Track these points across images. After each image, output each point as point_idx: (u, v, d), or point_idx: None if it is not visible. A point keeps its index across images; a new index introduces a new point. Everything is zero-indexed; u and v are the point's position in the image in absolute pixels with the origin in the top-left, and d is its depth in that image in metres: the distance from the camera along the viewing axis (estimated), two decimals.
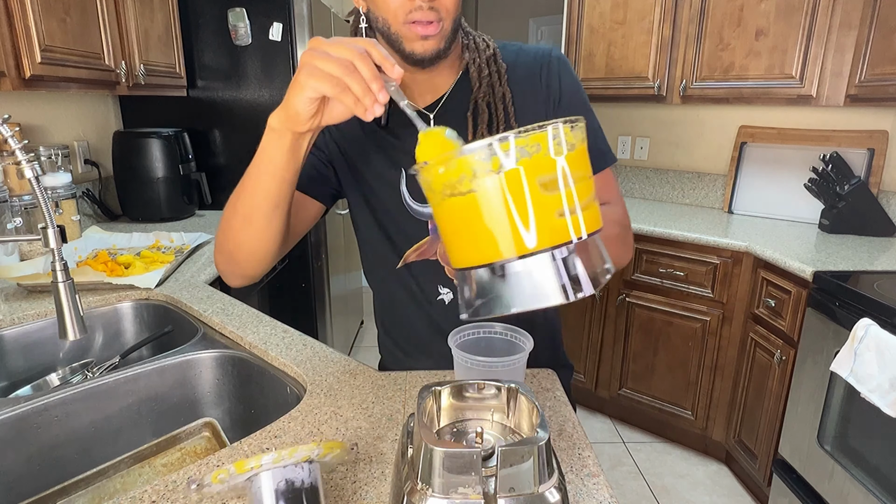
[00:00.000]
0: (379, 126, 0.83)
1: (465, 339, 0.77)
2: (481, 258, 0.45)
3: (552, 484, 0.47)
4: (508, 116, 0.80)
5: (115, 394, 0.96)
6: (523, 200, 0.43)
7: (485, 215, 0.44)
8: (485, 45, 0.83)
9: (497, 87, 0.81)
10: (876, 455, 1.41)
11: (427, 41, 0.72)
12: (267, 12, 2.13)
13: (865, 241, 2.00)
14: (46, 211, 0.74)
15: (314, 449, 0.50)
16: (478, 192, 0.43)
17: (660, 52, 2.33)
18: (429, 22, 0.71)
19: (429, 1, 0.69)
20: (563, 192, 0.44)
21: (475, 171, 0.43)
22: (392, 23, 0.71)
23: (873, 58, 1.84)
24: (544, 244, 0.44)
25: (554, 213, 0.44)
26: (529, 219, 0.44)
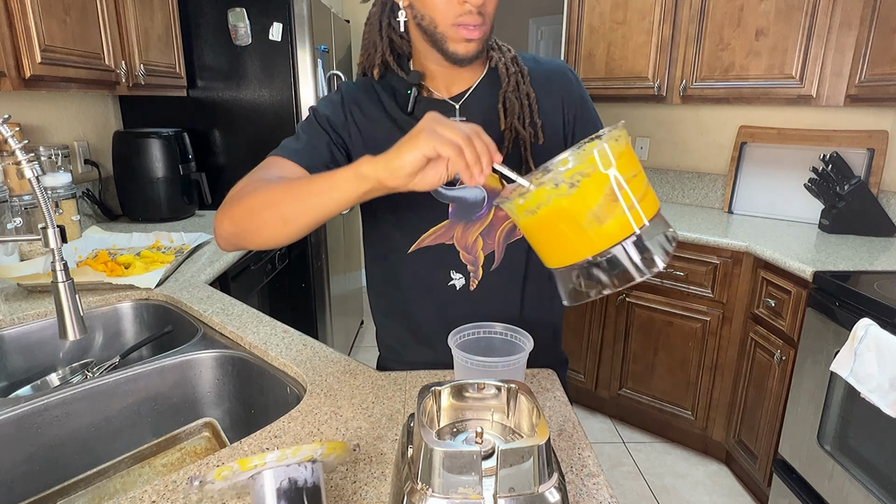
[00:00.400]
0: (405, 114, 0.87)
1: (465, 339, 0.77)
2: (566, 260, 0.60)
3: (552, 484, 0.47)
4: (533, 112, 0.86)
5: (115, 394, 0.96)
6: (587, 212, 0.56)
7: (558, 228, 0.58)
8: (506, 48, 0.89)
9: (522, 86, 0.86)
10: (876, 455, 1.41)
11: (470, 43, 0.78)
12: (267, 12, 2.13)
13: (865, 241, 2.00)
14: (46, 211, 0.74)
15: (317, 448, 0.50)
16: (550, 210, 0.57)
17: (660, 52, 2.33)
18: (475, 25, 0.76)
19: (478, 6, 0.74)
20: (620, 195, 0.56)
21: (548, 198, 0.56)
22: (440, 23, 0.76)
23: (873, 58, 1.84)
24: (614, 240, 0.56)
25: (616, 213, 0.56)
26: (598, 222, 0.56)
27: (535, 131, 0.86)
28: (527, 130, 0.85)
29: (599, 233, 0.57)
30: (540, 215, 0.58)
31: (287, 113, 2.25)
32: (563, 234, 0.58)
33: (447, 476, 0.46)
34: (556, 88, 0.89)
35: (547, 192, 0.56)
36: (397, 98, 0.88)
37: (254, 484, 0.50)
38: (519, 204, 0.58)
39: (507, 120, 0.85)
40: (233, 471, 0.47)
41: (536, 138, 0.86)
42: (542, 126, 0.86)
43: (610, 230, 0.56)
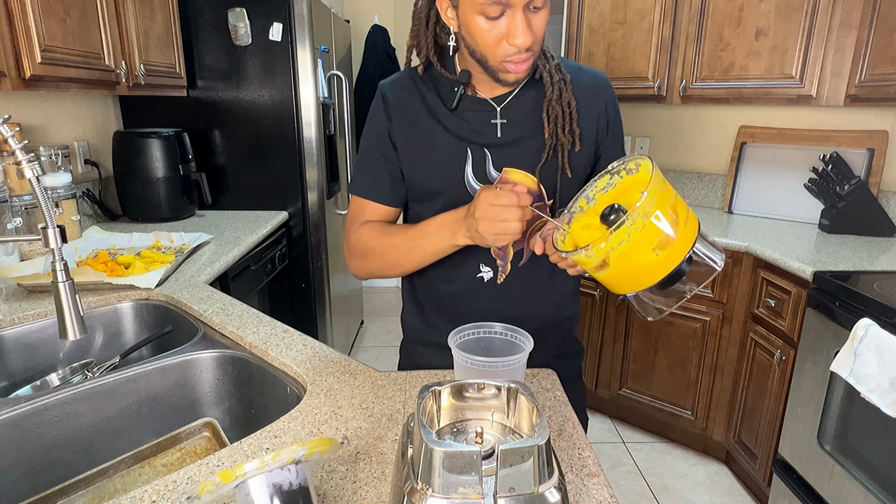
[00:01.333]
0: (448, 109, 0.90)
1: (465, 339, 0.77)
2: (634, 289, 0.72)
3: (552, 484, 0.47)
4: (573, 120, 0.89)
5: (115, 394, 0.96)
6: (650, 249, 0.67)
7: (623, 269, 0.69)
8: (550, 55, 0.90)
9: (564, 93, 0.88)
10: (876, 455, 1.41)
11: (521, 73, 0.82)
12: (267, 12, 2.13)
13: (865, 241, 2.00)
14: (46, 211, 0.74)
15: (298, 450, 0.50)
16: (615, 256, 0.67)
17: (660, 52, 2.33)
18: (523, 61, 0.80)
19: (527, 46, 0.77)
20: (671, 230, 0.66)
21: (610, 249, 0.67)
22: (490, 58, 0.81)
23: (873, 58, 1.84)
24: (676, 262, 0.67)
25: (679, 228, 0.67)
26: (659, 253, 0.67)
27: (573, 139, 0.89)
28: (566, 137, 0.88)
29: (673, 250, 0.66)
30: (620, 252, 0.67)
31: (287, 113, 2.25)
32: (642, 262, 0.68)
33: (447, 476, 0.46)
34: (596, 97, 0.92)
35: (627, 229, 0.65)
36: (440, 92, 0.91)
37: (239, 494, 0.50)
38: (601, 248, 0.68)
39: (551, 127, 0.88)
40: (215, 484, 0.47)
41: (573, 145, 0.89)
42: (580, 134, 0.90)
43: (680, 244, 0.66)
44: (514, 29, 0.75)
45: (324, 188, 2.38)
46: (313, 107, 2.25)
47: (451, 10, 0.81)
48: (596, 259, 0.69)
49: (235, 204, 2.32)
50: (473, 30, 0.78)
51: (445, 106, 0.90)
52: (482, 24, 0.77)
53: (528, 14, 0.76)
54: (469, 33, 0.80)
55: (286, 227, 2.34)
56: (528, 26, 0.76)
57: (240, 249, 1.71)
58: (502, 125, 0.89)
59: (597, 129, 0.92)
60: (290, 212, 2.35)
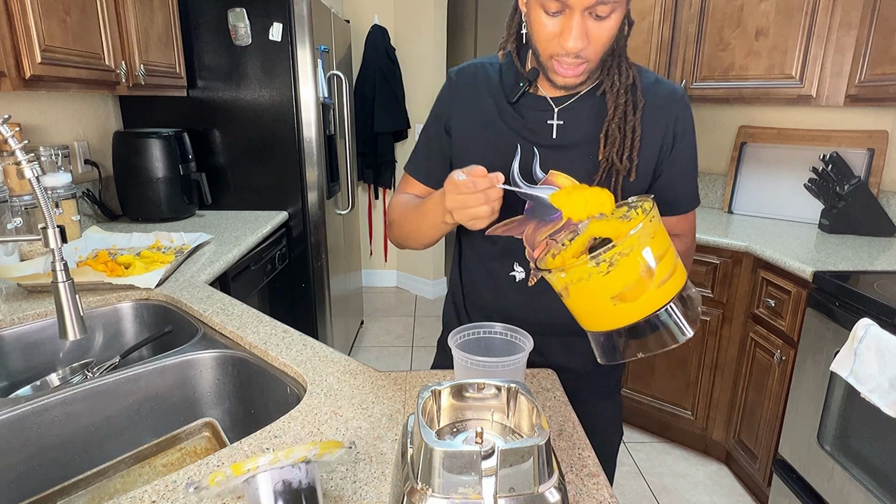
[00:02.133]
0: (508, 102, 0.89)
1: (465, 339, 0.77)
2: (598, 327, 0.67)
3: (552, 484, 0.47)
4: (633, 148, 0.86)
5: (116, 394, 0.96)
6: (623, 288, 0.62)
7: (593, 300, 0.65)
8: (626, 73, 0.86)
9: (630, 117, 0.85)
10: (876, 455, 1.41)
11: (569, 78, 0.80)
12: (267, 12, 2.13)
13: (865, 241, 2.00)
14: (46, 211, 0.74)
15: (311, 449, 0.50)
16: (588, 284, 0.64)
17: (660, 52, 2.33)
18: (574, 66, 0.78)
19: (577, 51, 0.75)
20: (653, 273, 0.62)
21: (588, 274, 0.63)
22: (541, 52, 0.80)
23: (873, 58, 1.84)
24: (644, 314, 0.63)
25: (648, 290, 0.63)
26: (631, 298, 0.63)
27: (630, 167, 0.86)
28: (623, 164, 0.86)
29: (632, 307, 0.63)
30: (579, 288, 0.65)
31: (287, 113, 2.25)
32: (598, 306, 0.65)
33: (447, 476, 0.46)
34: (667, 113, 0.88)
35: (588, 269, 0.62)
36: (506, 84, 0.91)
37: (248, 488, 0.50)
38: (561, 277, 0.65)
39: (607, 150, 0.85)
40: (226, 476, 0.47)
41: (629, 173, 0.87)
42: (639, 165, 0.87)
43: (641, 305, 0.63)
44: (568, 31, 0.74)
45: (324, 188, 2.38)
46: (313, 107, 2.25)
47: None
48: (558, 286, 0.68)
49: (235, 204, 2.32)
50: (533, 20, 0.78)
51: (507, 99, 0.90)
52: (541, 17, 0.76)
53: (587, 20, 0.73)
54: (530, 22, 0.79)
55: (286, 227, 2.34)
56: (583, 32, 0.73)
57: (240, 249, 1.71)
58: (558, 126, 0.88)
59: (660, 149, 0.89)
60: (290, 212, 2.35)
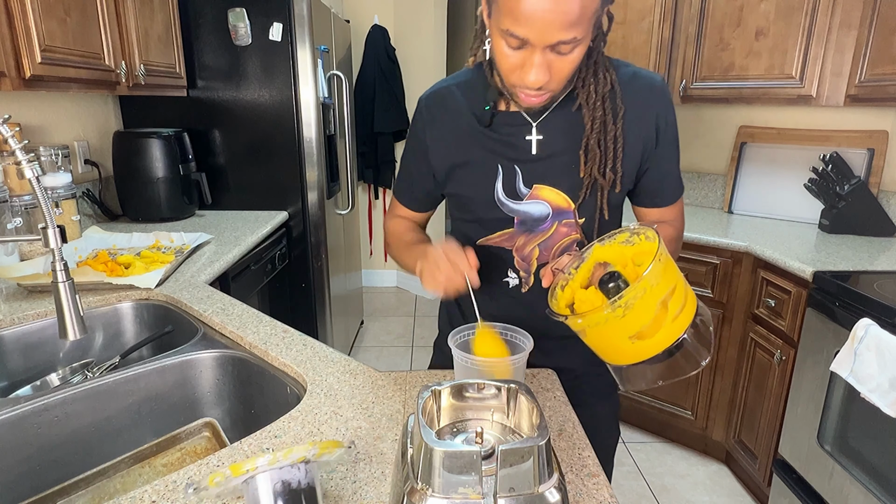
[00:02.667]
0: (485, 126, 0.89)
1: (465, 339, 0.78)
2: (618, 361, 0.70)
3: (552, 484, 0.47)
4: (616, 159, 0.84)
5: (115, 394, 0.96)
6: (639, 328, 0.65)
7: (611, 339, 0.68)
8: (604, 80, 0.83)
9: (610, 127, 0.83)
10: (876, 455, 1.41)
11: (532, 104, 0.79)
12: (267, 12, 2.13)
13: (865, 241, 2.00)
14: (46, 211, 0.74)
15: (310, 449, 0.50)
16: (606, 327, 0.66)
17: (660, 53, 2.33)
18: (535, 96, 0.77)
19: (539, 86, 0.73)
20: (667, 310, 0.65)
21: (605, 318, 0.65)
22: (505, 80, 0.79)
23: (873, 58, 1.84)
24: (660, 349, 0.65)
25: (662, 326, 0.65)
26: (648, 336, 0.65)
27: (616, 178, 0.85)
28: (606, 177, 0.84)
29: (650, 343, 0.65)
30: (596, 331, 0.67)
31: (287, 113, 2.25)
32: (616, 345, 0.68)
33: (447, 476, 0.46)
34: (648, 109, 0.86)
35: (605, 315, 0.64)
36: (473, 104, 0.90)
37: (247, 488, 0.50)
38: (578, 323, 0.67)
39: (587, 167, 0.84)
40: (225, 477, 0.47)
41: (614, 186, 0.85)
42: (623, 176, 0.86)
43: (658, 340, 0.65)
44: (530, 65, 0.71)
45: (324, 188, 2.38)
46: (313, 107, 2.25)
47: (487, 17, 0.78)
48: (575, 328, 0.69)
49: (235, 204, 2.32)
50: (496, 47, 0.75)
51: (479, 122, 0.89)
52: (503, 48, 0.73)
53: (549, 55, 0.70)
54: (493, 47, 0.77)
55: (286, 227, 2.34)
56: (544, 68, 0.71)
57: (240, 249, 1.71)
58: (538, 141, 0.87)
59: (644, 148, 0.87)
60: (290, 212, 2.35)
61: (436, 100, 0.94)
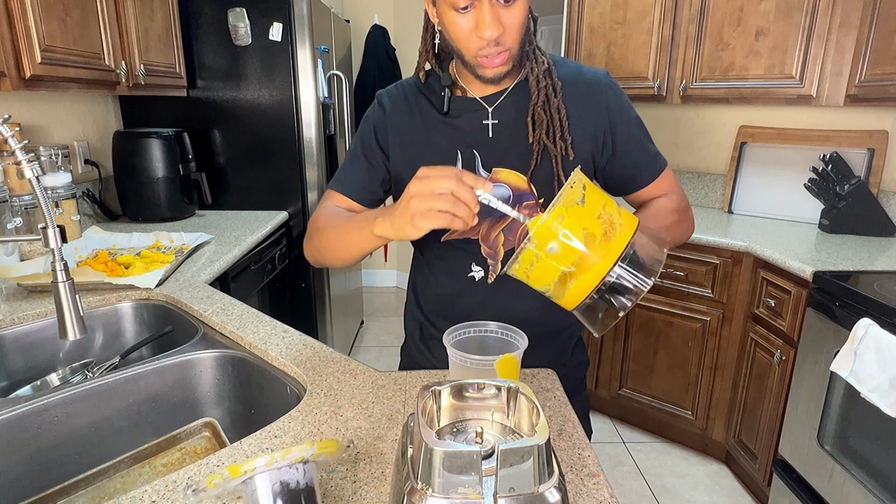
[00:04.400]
0: (441, 113, 0.91)
1: (460, 338, 0.78)
2: (574, 301, 0.66)
3: (552, 484, 0.47)
4: (563, 128, 0.88)
5: (115, 394, 0.96)
6: (571, 262, 0.63)
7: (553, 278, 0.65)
8: (542, 59, 0.89)
9: (552, 99, 0.87)
10: (876, 455, 1.41)
11: (496, 69, 0.82)
12: (267, 12, 2.13)
13: (865, 241, 2.00)
14: (46, 211, 0.74)
15: (308, 449, 0.50)
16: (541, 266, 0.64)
17: (660, 52, 2.33)
18: (497, 55, 0.80)
19: (496, 39, 0.77)
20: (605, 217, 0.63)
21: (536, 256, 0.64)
22: (465, 53, 0.82)
23: (873, 58, 1.84)
24: (618, 251, 0.62)
25: (610, 233, 0.63)
26: (601, 245, 0.63)
27: (566, 146, 0.88)
28: (557, 145, 0.87)
29: (587, 277, 0.63)
30: (540, 272, 0.65)
31: (287, 113, 2.25)
32: (560, 283, 0.65)
33: (447, 476, 0.46)
34: (595, 99, 0.90)
35: (532, 252, 0.64)
36: (434, 99, 0.92)
37: (246, 489, 0.50)
38: (515, 268, 0.66)
39: (536, 133, 0.87)
40: (223, 478, 0.47)
41: (566, 153, 0.88)
42: (573, 142, 0.88)
43: (593, 274, 0.63)
44: (482, 21, 0.76)
45: (324, 188, 2.37)
46: (313, 107, 2.25)
47: (432, 7, 0.84)
48: (521, 277, 0.67)
49: (235, 204, 2.32)
50: (447, 24, 0.80)
51: (438, 111, 0.91)
52: (454, 18, 0.78)
53: (496, 7, 0.76)
54: (445, 28, 0.81)
55: (286, 227, 2.34)
56: (496, 19, 0.76)
57: (240, 249, 1.71)
58: (494, 126, 0.90)
59: (596, 132, 0.90)
60: (290, 212, 2.35)
61: (394, 92, 0.96)
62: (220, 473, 0.47)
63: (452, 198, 0.66)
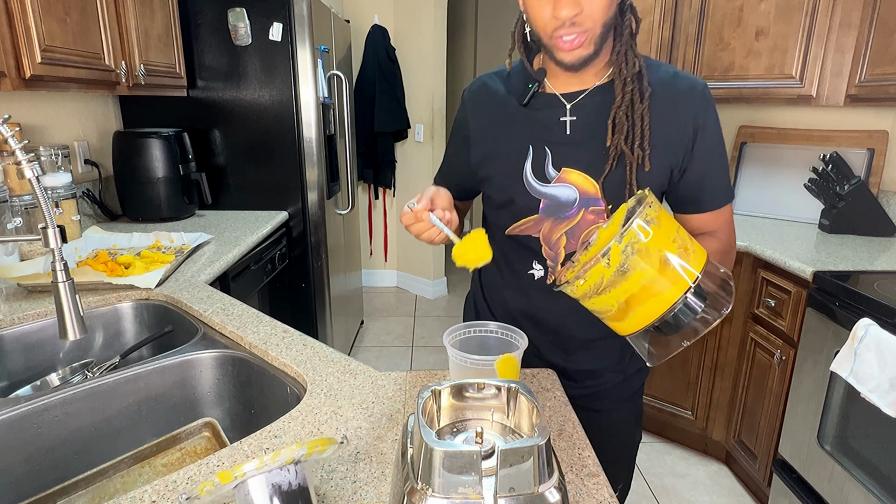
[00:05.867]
0: (520, 104, 0.91)
1: (460, 338, 0.78)
2: (633, 328, 0.65)
3: (552, 484, 0.47)
4: (644, 136, 0.84)
5: (115, 394, 0.96)
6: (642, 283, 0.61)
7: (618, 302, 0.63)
8: (634, 62, 0.85)
9: (637, 105, 0.84)
10: (876, 455, 1.41)
11: (574, 51, 0.79)
12: (267, 12, 2.13)
13: (865, 241, 2.00)
14: (46, 211, 0.74)
15: (297, 450, 0.50)
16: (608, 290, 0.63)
17: (660, 52, 2.33)
18: (574, 37, 0.78)
19: (571, 18, 0.75)
20: (668, 260, 0.61)
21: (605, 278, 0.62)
22: (542, 35, 0.81)
23: (873, 58, 1.84)
24: (673, 299, 0.61)
25: (667, 277, 0.61)
26: (653, 291, 0.61)
27: (643, 155, 0.84)
28: (634, 153, 0.84)
29: (657, 299, 0.62)
30: (601, 296, 0.63)
31: (287, 113, 2.25)
32: (625, 307, 0.63)
33: (447, 476, 0.46)
34: (686, 109, 0.85)
35: (602, 271, 0.61)
36: (515, 90, 0.92)
37: (238, 494, 0.50)
38: (580, 284, 0.64)
39: (615, 137, 0.84)
40: (214, 484, 0.47)
41: (643, 162, 0.85)
42: (652, 152, 0.85)
43: (665, 295, 0.62)
44: (559, 1, 0.75)
45: (324, 188, 2.38)
46: (313, 107, 2.25)
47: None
48: (578, 293, 0.66)
49: (235, 204, 2.32)
50: (529, 6, 0.80)
51: (518, 102, 0.91)
52: (535, 3, 0.78)
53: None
54: (527, 11, 0.81)
55: (286, 227, 2.34)
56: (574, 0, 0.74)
57: (240, 249, 1.71)
58: (571, 123, 0.87)
59: (680, 143, 0.86)
60: (290, 212, 2.35)
61: (477, 88, 0.98)
62: (211, 480, 0.47)
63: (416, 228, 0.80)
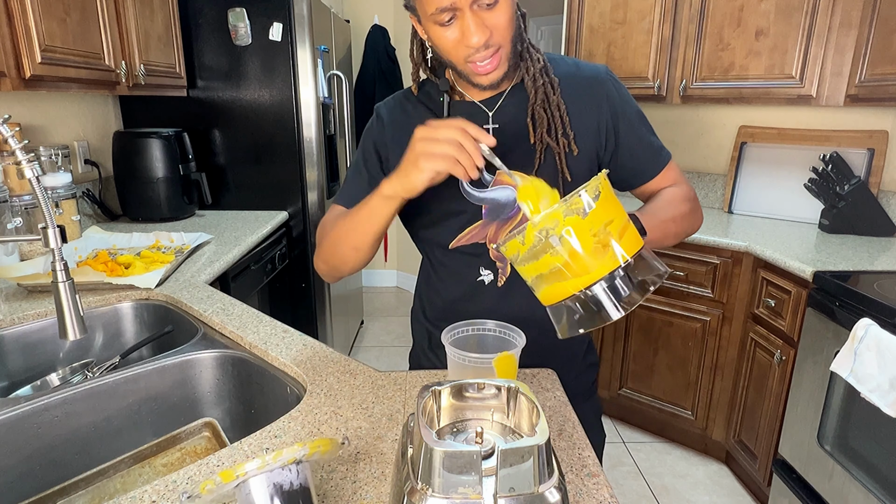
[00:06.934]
0: (440, 117, 0.89)
1: (458, 336, 0.78)
2: (555, 298, 0.64)
3: (552, 484, 0.47)
4: (564, 124, 0.87)
5: (115, 394, 0.96)
6: (577, 253, 0.60)
7: (548, 269, 0.63)
8: (537, 57, 0.88)
9: (551, 97, 0.87)
10: (876, 455, 1.41)
11: (490, 74, 0.80)
12: (267, 12, 2.13)
13: (865, 241, 2.00)
14: (46, 211, 0.74)
15: (299, 450, 0.50)
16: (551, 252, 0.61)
17: (660, 52, 2.33)
18: (488, 61, 0.79)
19: (483, 43, 0.76)
20: (602, 236, 0.61)
21: (540, 241, 0.61)
22: (456, 63, 0.81)
23: (873, 58, 1.84)
24: (600, 274, 0.61)
25: (600, 252, 0.61)
26: (585, 262, 0.61)
27: (568, 142, 0.87)
28: (559, 142, 0.86)
29: (587, 270, 0.61)
30: (533, 261, 0.63)
31: (287, 113, 2.25)
32: (552, 275, 0.63)
33: (447, 476, 0.46)
34: (595, 94, 0.89)
35: (517, 246, 0.62)
36: (432, 106, 0.92)
37: (239, 494, 0.50)
38: (519, 244, 0.64)
39: (537, 133, 0.86)
40: (216, 483, 0.47)
41: (570, 149, 0.87)
42: (575, 137, 0.88)
43: (596, 267, 0.61)
44: (467, 30, 0.75)
45: (324, 188, 2.38)
46: (313, 107, 2.25)
47: (418, 24, 0.84)
48: (512, 253, 0.65)
49: (235, 204, 2.32)
50: (435, 39, 0.80)
51: (437, 118, 0.90)
52: (440, 32, 0.78)
53: (479, 13, 0.75)
54: (434, 43, 0.81)
55: (286, 227, 2.34)
56: (480, 24, 0.75)
57: (240, 249, 1.71)
58: (495, 130, 0.89)
59: (598, 127, 0.89)
60: (290, 212, 2.35)
61: (392, 103, 0.96)
62: (212, 479, 0.47)
63: (457, 144, 0.69)
